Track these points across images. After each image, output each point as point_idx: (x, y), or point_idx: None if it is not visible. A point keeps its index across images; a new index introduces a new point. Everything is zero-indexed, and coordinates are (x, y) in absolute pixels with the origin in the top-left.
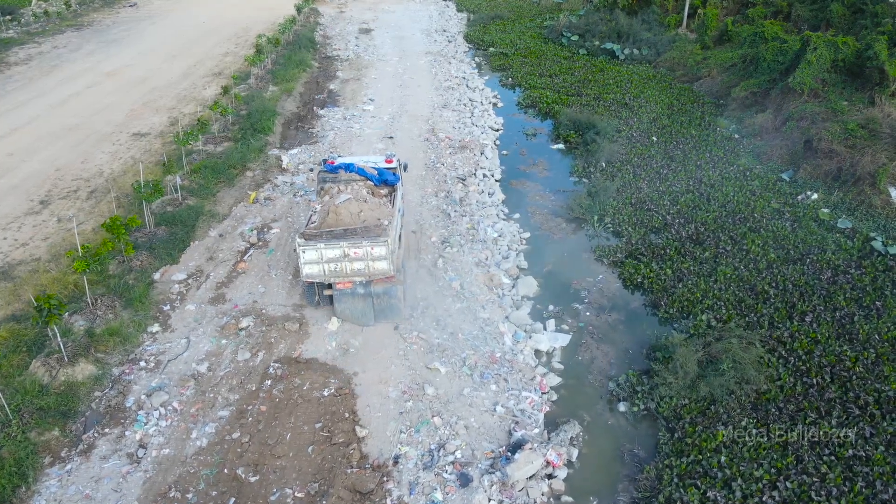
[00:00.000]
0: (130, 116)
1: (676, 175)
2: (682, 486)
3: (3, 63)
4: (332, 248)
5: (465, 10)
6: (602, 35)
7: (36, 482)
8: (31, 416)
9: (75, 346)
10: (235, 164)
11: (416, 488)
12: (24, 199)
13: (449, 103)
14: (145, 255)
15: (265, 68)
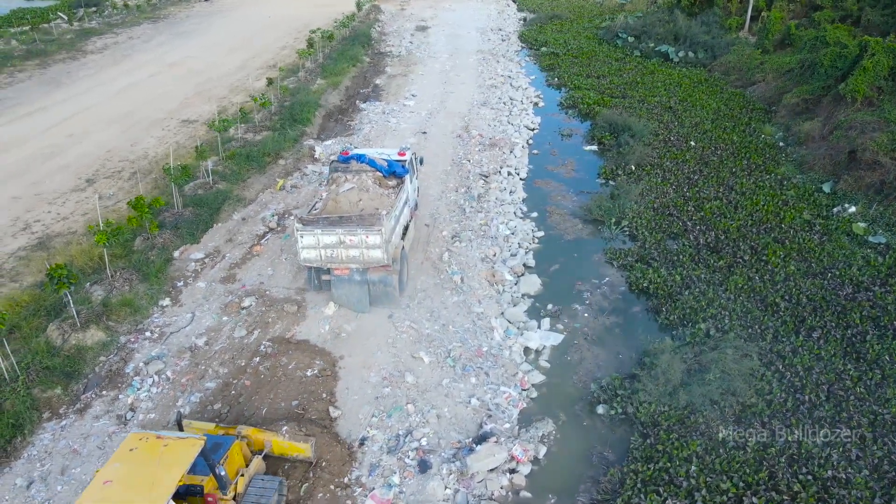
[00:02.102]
0: (183, 104)
1: (707, 181)
2: (643, 492)
3: (80, 51)
4: (328, 234)
5: (525, 10)
6: (658, 37)
7: (32, 434)
8: (37, 374)
9: (89, 314)
10: (269, 153)
11: (376, 470)
12: (73, 176)
13: (489, 101)
14: (169, 233)
15: (317, 62)
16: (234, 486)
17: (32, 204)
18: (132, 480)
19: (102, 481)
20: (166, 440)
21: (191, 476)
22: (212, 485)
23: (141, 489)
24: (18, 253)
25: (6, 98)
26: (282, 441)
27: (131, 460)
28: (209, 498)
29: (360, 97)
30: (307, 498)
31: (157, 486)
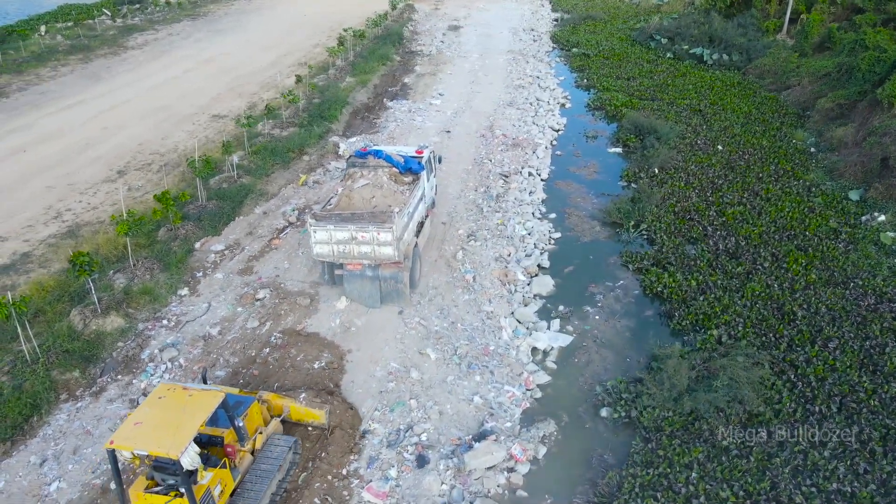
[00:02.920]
0: (214, 100)
1: (732, 186)
2: (640, 497)
3: (121, 47)
4: (341, 230)
5: (559, 10)
6: (692, 39)
7: (48, 414)
8: (57, 357)
9: (110, 301)
10: (294, 148)
11: (375, 463)
12: (105, 168)
13: (515, 101)
14: (191, 225)
15: (347, 60)
16: (252, 441)
17: (65, 194)
18: (159, 423)
19: (133, 423)
20: (191, 391)
21: (213, 428)
22: (231, 437)
23: (166, 431)
24: (49, 240)
25: (49, 91)
26: (299, 407)
27: (159, 406)
28: (228, 448)
29: (387, 95)
30: (305, 486)
31: (180, 430)
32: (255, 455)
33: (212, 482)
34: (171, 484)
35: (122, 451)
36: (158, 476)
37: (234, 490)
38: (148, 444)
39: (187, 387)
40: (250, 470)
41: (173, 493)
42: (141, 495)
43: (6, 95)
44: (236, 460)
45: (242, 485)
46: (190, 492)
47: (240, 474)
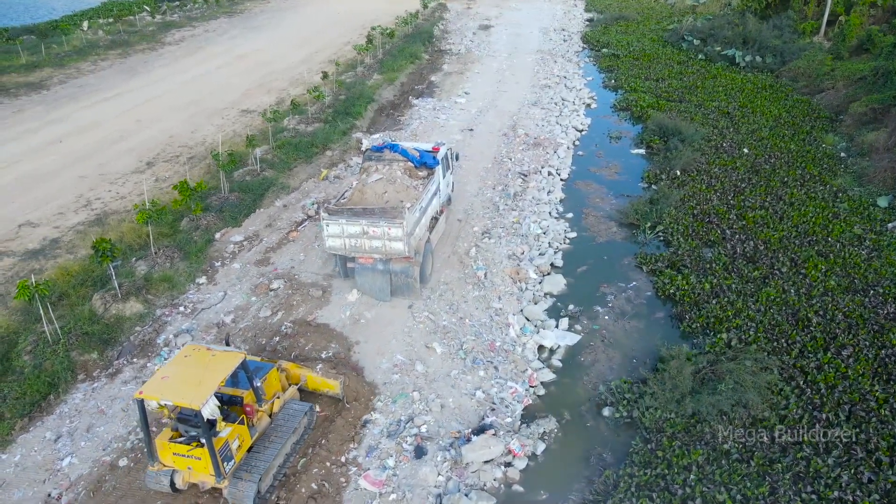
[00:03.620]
0: (244, 95)
1: (755, 189)
2: (636, 496)
3: (159, 43)
4: (352, 224)
5: (592, 10)
6: (725, 40)
7: (65, 393)
8: (77, 338)
9: (130, 287)
10: (317, 144)
11: (374, 452)
12: (135, 159)
13: (540, 101)
14: (213, 216)
15: (376, 58)
16: (270, 405)
17: (96, 183)
18: (184, 378)
19: (161, 377)
20: (214, 352)
21: (233, 388)
22: (250, 398)
23: (190, 385)
24: (77, 227)
25: (87, 84)
26: (315, 377)
27: (185, 364)
28: (247, 408)
29: (413, 93)
30: (303, 471)
31: (202, 384)
32: (272, 418)
33: (230, 436)
34: (192, 435)
35: (149, 400)
36: (182, 427)
37: (250, 447)
38: (173, 395)
39: (211, 348)
40: (267, 431)
41: (195, 444)
42: (166, 444)
43: (47, 88)
44: (254, 419)
45: (259, 443)
46: (210, 442)
47: (257, 433)
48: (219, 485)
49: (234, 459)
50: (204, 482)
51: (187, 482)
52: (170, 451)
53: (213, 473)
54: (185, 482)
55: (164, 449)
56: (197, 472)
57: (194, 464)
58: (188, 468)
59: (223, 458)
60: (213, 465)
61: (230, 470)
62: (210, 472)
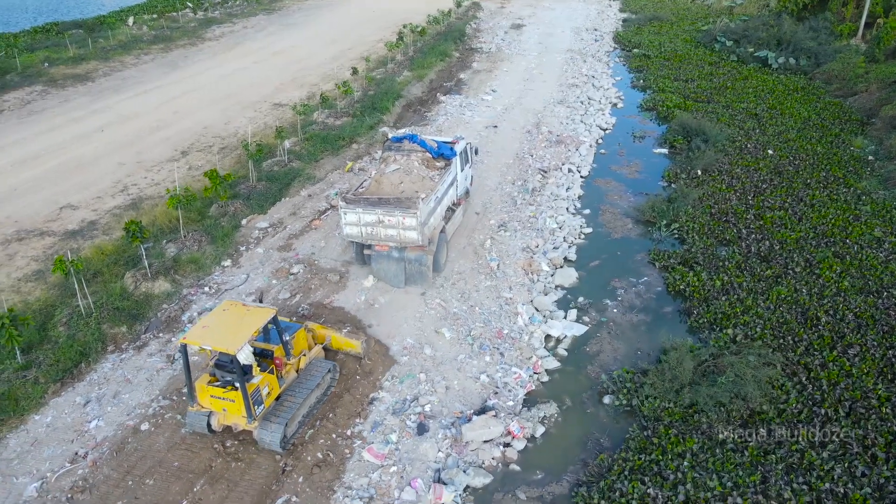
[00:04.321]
0: (277, 89)
1: (776, 191)
2: (628, 479)
3: (200, 38)
4: (369, 213)
5: (627, 11)
6: (759, 41)
7: (95, 362)
8: (108, 313)
9: (160, 267)
10: (344, 137)
11: (378, 428)
12: (171, 148)
13: (566, 100)
14: (240, 203)
15: (407, 55)
16: (297, 361)
17: (133, 170)
18: (222, 327)
19: (202, 326)
20: (249, 307)
21: (265, 343)
22: (280, 352)
23: (227, 333)
24: (114, 210)
25: (130, 77)
26: (339, 337)
27: (223, 316)
28: (277, 360)
29: (442, 90)
30: (310, 442)
31: (238, 332)
32: (298, 373)
33: (261, 382)
34: (228, 380)
35: (191, 345)
36: (219, 373)
37: (278, 396)
38: (212, 341)
39: (245, 303)
40: (294, 384)
41: (230, 388)
42: (204, 387)
43: (92, 80)
44: (283, 371)
45: (286, 394)
46: (243, 385)
47: (285, 384)
48: (249, 426)
49: (263, 404)
50: (236, 424)
51: (222, 424)
52: (207, 393)
53: (245, 416)
54: (220, 424)
55: (203, 392)
56: (231, 415)
57: (229, 406)
58: (223, 410)
59: (254, 401)
60: (245, 407)
61: (260, 413)
62: (242, 415)
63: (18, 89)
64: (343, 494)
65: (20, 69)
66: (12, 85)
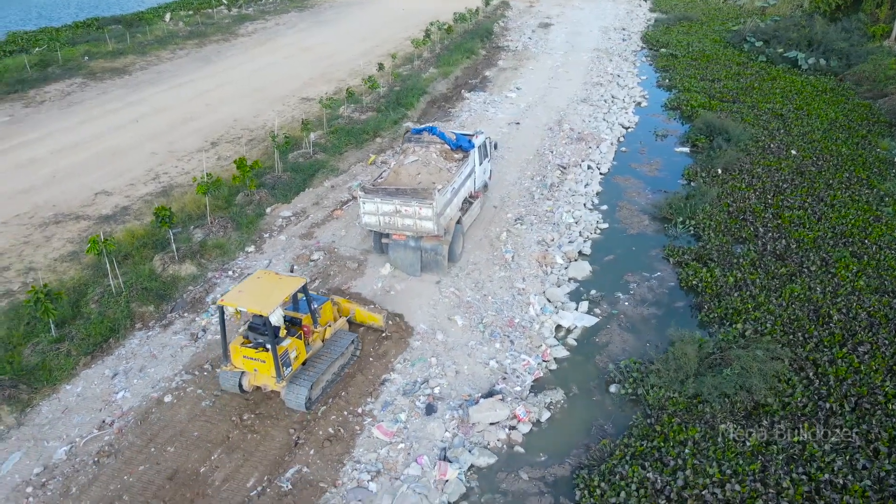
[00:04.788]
0: (305, 84)
1: (796, 190)
2: (629, 463)
3: (233, 34)
4: (386, 203)
5: (657, 11)
6: (789, 42)
7: (124, 338)
8: (137, 293)
9: (187, 251)
10: (369, 131)
11: (388, 407)
12: (201, 139)
13: (590, 98)
14: (265, 192)
15: (434, 53)
16: (323, 331)
17: (165, 159)
18: (256, 292)
19: (238, 290)
20: (280, 276)
21: (294, 312)
22: (307, 321)
23: (261, 296)
24: (146, 197)
25: (165, 71)
26: (363, 310)
27: (257, 282)
28: (305, 328)
29: (466, 87)
30: (322, 418)
31: (271, 296)
32: (324, 342)
33: (290, 346)
34: (259, 342)
35: (227, 307)
36: (251, 335)
37: (304, 361)
38: (247, 303)
39: (278, 273)
40: (319, 351)
41: (261, 349)
42: (237, 347)
43: (129, 73)
44: (310, 339)
45: (312, 360)
46: (274, 346)
47: (311, 350)
48: (277, 386)
49: (291, 366)
50: (266, 385)
51: (252, 385)
52: (240, 354)
53: (275, 375)
54: (250, 385)
55: (236, 352)
56: (261, 375)
57: (259, 366)
58: (254, 370)
59: (283, 363)
60: (274, 367)
61: (288, 375)
62: (272, 375)
63: (59, 81)
64: (352, 467)
65: (61, 62)
66: (54, 77)
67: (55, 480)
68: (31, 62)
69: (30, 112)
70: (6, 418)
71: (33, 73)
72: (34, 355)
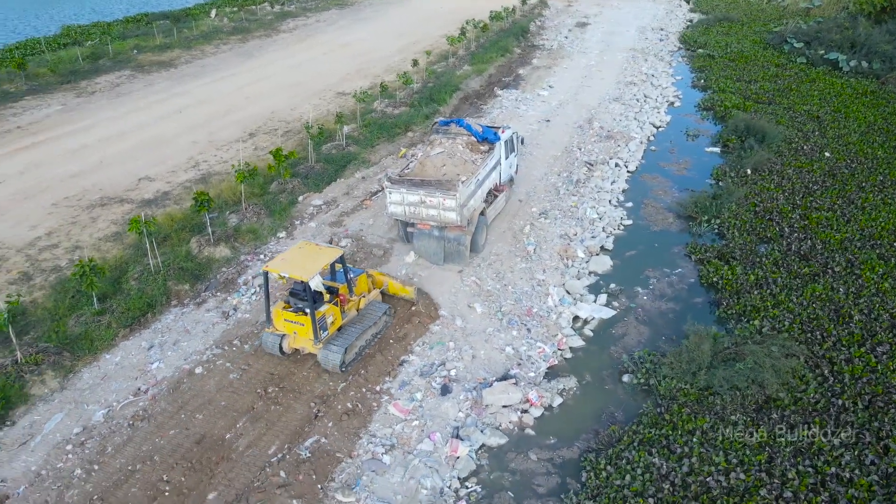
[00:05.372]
0: (342, 79)
1: (826, 192)
2: (636, 449)
3: (275, 30)
4: (412, 193)
5: (697, 11)
6: (831, 44)
7: (160, 314)
8: (174, 272)
9: (222, 234)
10: (401, 125)
11: (405, 387)
12: (240, 130)
13: (622, 97)
14: (298, 182)
15: (469, 50)
16: (357, 300)
17: (205, 148)
18: (298, 259)
19: (281, 258)
20: (320, 246)
21: (331, 281)
22: (344, 290)
23: (302, 264)
24: (185, 183)
25: (209, 65)
26: (395, 283)
27: (299, 252)
28: (341, 296)
29: (499, 84)
30: (341, 393)
31: (311, 264)
32: (359, 312)
33: (327, 311)
34: (299, 306)
35: (272, 272)
36: (292, 300)
37: (340, 327)
38: (290, 269)
39: (318, 243)
40: (354, 319)
41: (300, 313)
42: (279, 311)
43: (175, 66)
44: (345, 307)
45: (347, 326)
46: (312, 310)
47: (347, 318)
48: (314, 348)
49: (327, 330)
50: (304, 347)
51: (292, 347)
52: (281, 317)
53: (312, 338)
54: (290, 347)
55: (278, 316)
56: (300, 338)
57: (299, 329)
58: (294, 333)
59: (320, 326)
60: (312, 329)
61: (324, 338)
62: (309, 337)
63: (109, 73)
64: (367, 440)
65: (112, 55)
66: (104, 69)
67: (93, 440)
68: (83, 55)
69: (81, 102)
70: (50, 382)
71: (85, 65)
72: (78, 326)
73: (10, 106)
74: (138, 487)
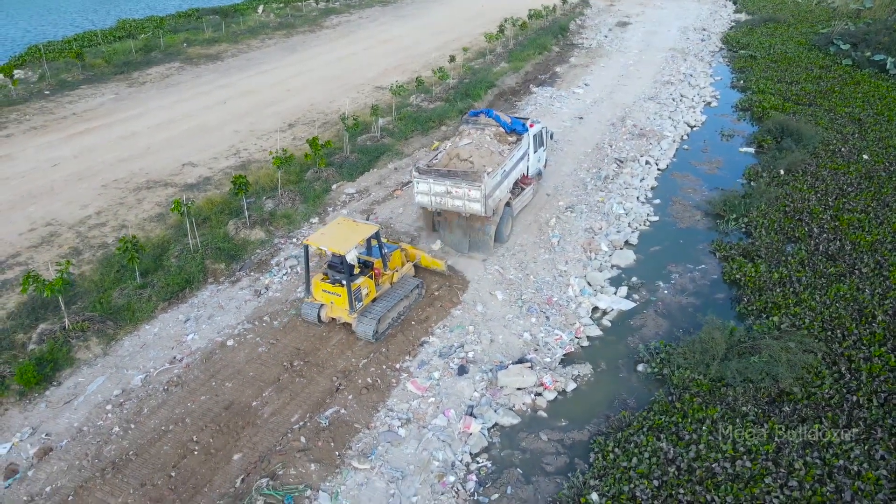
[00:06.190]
0: (381, 74)
1: (861, 194)
2: (644, 434)
3: (318, 26)
4: (438, 184)
5: (743, 11)
6: (879, 46)
7: (197, 290)
8: (212, 252)
9: (258, 218)
10: (434, 119)
11: (424, 366)
12: (280, 121)
13: (658, 96)
14: (333, 171)
15: (507, 48)
16: (391, 274)
17: (246, 137)
18: (336, 234)
19: (320, 233)
20: (358, 222)
21: (367, 256)
22: (378, 264)
23: (340, 238)
24: (226, 170)
25: (255, 58)
26: (427, 256)
27: (337, 227)
28: (376, 270)
29: (535, 82)
30: (362, 369)
31: (348, 239)
32: (392, 285)
33: (362, 284)
34: (336, 279)
35: (312, 245)
36: (330, 273)
37: (374, 299)
38: (328, 242)
39: (355, 220)
40: (388, 292)
41: (337, 284)
42: (318, 283)
43: (222, 59)
44: (379, 280)
45: (380, 298)
46: (348, 282)
47: (380, 290)
48: (350, 318)
49: (362, 301)
50: (340, 317)
51: (329, 317)
52: (320, 288)
53: (348, 308)
54: (327, 316)
55: (317, 287)
56: (336, 308)
57: (335, 300)
58: (331, 303)
59: (355, 297)
60: (348, 300)
61: (359, 308)
62: (345, 308)
63: (160, 65)
64: (385, 414)
65: (163, 48)
66: (156, 61)
67: (130, 402)
68: (136, 47)
69: (132, 91)
70: (94, 348)
71: (138, 56)
72: (121, 298)
73: (67, 94)
74: (170, 446)
